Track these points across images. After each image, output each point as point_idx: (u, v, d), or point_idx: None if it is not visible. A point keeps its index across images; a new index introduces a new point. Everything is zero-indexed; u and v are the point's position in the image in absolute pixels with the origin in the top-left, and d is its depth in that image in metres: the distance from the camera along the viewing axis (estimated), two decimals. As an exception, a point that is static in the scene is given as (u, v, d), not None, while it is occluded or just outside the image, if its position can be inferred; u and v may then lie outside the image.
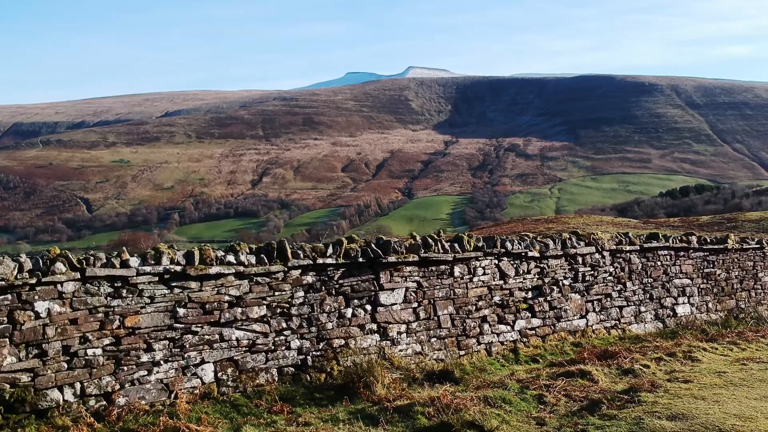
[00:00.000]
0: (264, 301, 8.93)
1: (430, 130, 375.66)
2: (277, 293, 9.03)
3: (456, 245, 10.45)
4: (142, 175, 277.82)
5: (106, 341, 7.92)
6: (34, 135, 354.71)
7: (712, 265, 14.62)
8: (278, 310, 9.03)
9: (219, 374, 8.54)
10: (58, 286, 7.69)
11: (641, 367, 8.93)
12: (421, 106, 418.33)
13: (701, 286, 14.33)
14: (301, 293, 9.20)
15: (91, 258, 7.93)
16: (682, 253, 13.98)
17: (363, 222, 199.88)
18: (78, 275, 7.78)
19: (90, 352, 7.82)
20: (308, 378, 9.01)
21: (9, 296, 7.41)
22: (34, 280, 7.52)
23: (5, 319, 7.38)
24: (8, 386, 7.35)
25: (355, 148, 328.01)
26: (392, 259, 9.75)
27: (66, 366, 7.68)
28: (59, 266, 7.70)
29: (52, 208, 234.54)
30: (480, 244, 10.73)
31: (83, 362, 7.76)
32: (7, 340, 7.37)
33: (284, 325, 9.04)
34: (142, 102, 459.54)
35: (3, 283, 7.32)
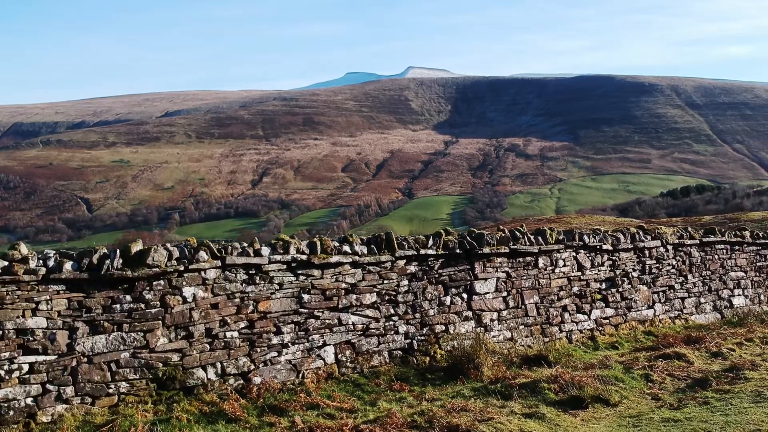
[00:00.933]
0: (374, 289, 9.57)
1: (430, 130, 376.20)
2: (385, 281, 9.68)
3: (539, 238, 11.10)
4: (143, 175, 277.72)
5: (242, 324, 8.56)
6: (34, 135, 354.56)
7: (764, 259, 15.30)
8: (386, 297, 9.67)
9: (339, 356, 9.18)
10: (202, 273, 8.34)
11: (728, 351, 9.59)
12: (421, 106, 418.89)
13: (754, 278, 15.01)
14: (405, 282, 9.84)
15: (229, 247, 8.57)
16: (737, 247, 14.65)
17: (363, 222, 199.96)
18: (219, 263, 8.42)
19: (228, 334, 8.46)
20: (414, 360, 9.65)
21: (162, 282, 8.06)
22: (182, 267, 8.17)
23: (158, 303, 8.03)
24: (161, 365, 7.99)
25: (355, 148, 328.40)
26: (486, 250, 10.40)
27: (208, 347, 8.32)
28: (202, 255, 8.34)
29: (53, 208, 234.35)
30: (561, 237, 11.37)
31: (222, 344, 8.40)
32: (160, 322, 8.02)
33: (392, 311, 9.68)
34: (141, 102, 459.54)
35: (157, 269, 7.96)
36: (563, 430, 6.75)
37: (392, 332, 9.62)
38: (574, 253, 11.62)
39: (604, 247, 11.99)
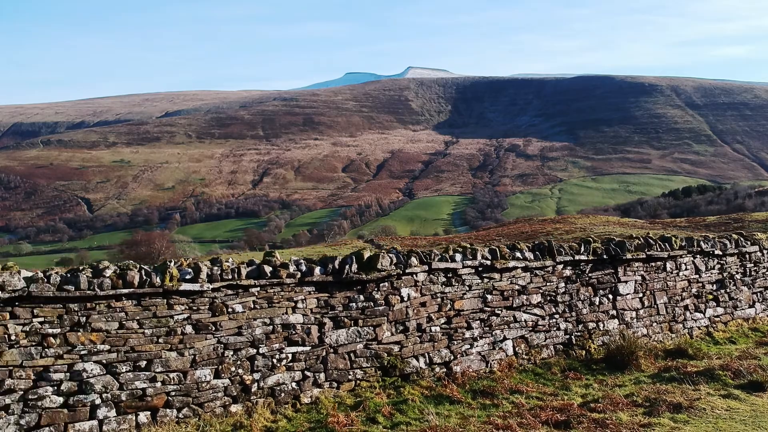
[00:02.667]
0: (540, 290, 10.91)
1: (430, 131, 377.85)
2: (547, 284, 11.01)
3: (666, 244, 12.45)
4: (143, 175, 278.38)
5: (442, 321, 9.89)
6: (34, 135, 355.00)
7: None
8: (548, 298, 11.00)
9: (516, 348, 10.51)
10: (414, 276, 9.68)
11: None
12: (421, 106, 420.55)
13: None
14: (562, 284, 11.18)
15: (432, 254, 9.88)
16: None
17: (364, 222, 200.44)
18: (426, 268, 9.76)
19: (432, 329, 9.79)
20: (573, 354, 10.98)
21: (386, 283, 9.39)
22: (399, 271, 9.50)
23: (383, 301, 9.36)
24: (386, 355, 9.32)
25: (356, 148, 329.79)
26: (628, 256, 11.77)
27: (419, 340, 9.66)
28: (413, 260, 9.66)
29: (53, 208, 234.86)
30: (683, 243, 12.74)
31: (429, 337, 9.73)
32: (385, 318, 9.35)
33: (553, 310, 11.01)
34: (141, 102, 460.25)
35: (383, 273, 9.30)
36: (760, 408, 8.08)
37: (554, 329, 10.95)
38: (692, 258, 12.97)
39: (715, 252, 13.34)
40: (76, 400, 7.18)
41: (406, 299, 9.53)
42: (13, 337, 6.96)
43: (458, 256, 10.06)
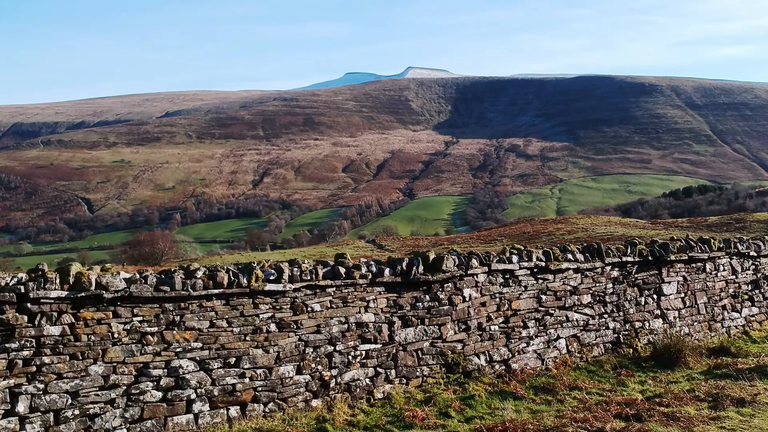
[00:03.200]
0: (589, 291, 11.31)
1: (431, 131, 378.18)
2: (597, 284, 11.41)
3: (705, 246, 12.85)
4: (143, 175, 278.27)
5: (500, 320, 10.28)
6: (34, 135, 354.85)
7: None
8: (597, 298, 11.40)
9: (569, 347, 10.90)
10: (475, 277, 10.07)
11: None
12: (421, 106, 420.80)
13: None
14: (610, 285, 11.58)
15: (491, 256, 10.27)
16: None
17: (364, 222, 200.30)
18: (485, 269, 10.14)
19: (492, 328, 10.18)
20: (621, 352, 11.38)
21: (450, 284, 9.78)
22: (461, 272, 9.88)
23: (447, 301, 9.75)
24: (450, 353, 9.71)
25: (356, 148, 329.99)
26: (672, 257, 12.16)
27: (479, 338, 10.05)
28: (474, 262, 10.05)
29: (54, 208, 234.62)
30: (721, 245, 13.14)
31: (488, 335, 10.12)
32: (449, 317, 9.74)
33: (602, 309, 11.41)
34: (141, 102, 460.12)
35: (447, 274, 9.69)
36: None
37: (604, 328, 11.35)
38: (729, 259, 13.38)
39: (750, 253, 13.76)
40: (173, 394, 7.61)
41: (467, 299, 9.93)
42: (116, 335, 7.34)
43: (515, 258, 10.44)
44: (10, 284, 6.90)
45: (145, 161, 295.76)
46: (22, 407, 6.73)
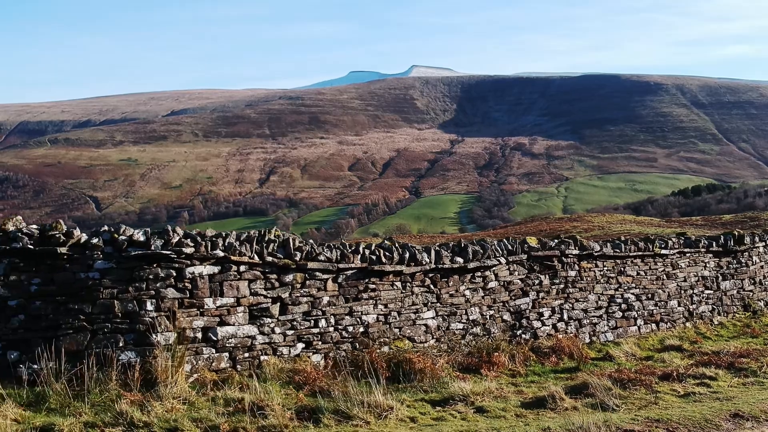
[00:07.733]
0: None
1: (436, 129, 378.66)
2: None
3: (756, 238, 15.69)
4: (150, 173, 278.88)
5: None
6: (41, 134, 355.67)
7: None
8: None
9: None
10: (758, 249, 16.14)
11: None
12: (426, 105, 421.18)
13: None
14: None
15: (765, 235, 15.36)
16: None
17: (371, 221, 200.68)
18: (764, 243, 15.57)
19: (765, 282, 16.26)
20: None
21: (746, 253, 16.08)
22: (751, 246, 15.75)
23: (745, 264, 15.52)
24: (746, 298, 15.94)
25: (362, 146, 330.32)
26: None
27: (761, 289, 16.34)
28: (756, 239, 15.21)
29: (62, 206, 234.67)
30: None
31: (763, 288, 16.27)
32: (746, 275, 15.88)
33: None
34: (147, 101, 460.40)
35: (746, 246, 15.60)
36: None
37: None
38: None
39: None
40: (627, 314, 13.31)
41: (755, 263, 15.79)
42: (597, 277, 12.96)
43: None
44: (552, 245, 12.36)
45: (152, 160, 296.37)
46: (566, 316, 12.43)
